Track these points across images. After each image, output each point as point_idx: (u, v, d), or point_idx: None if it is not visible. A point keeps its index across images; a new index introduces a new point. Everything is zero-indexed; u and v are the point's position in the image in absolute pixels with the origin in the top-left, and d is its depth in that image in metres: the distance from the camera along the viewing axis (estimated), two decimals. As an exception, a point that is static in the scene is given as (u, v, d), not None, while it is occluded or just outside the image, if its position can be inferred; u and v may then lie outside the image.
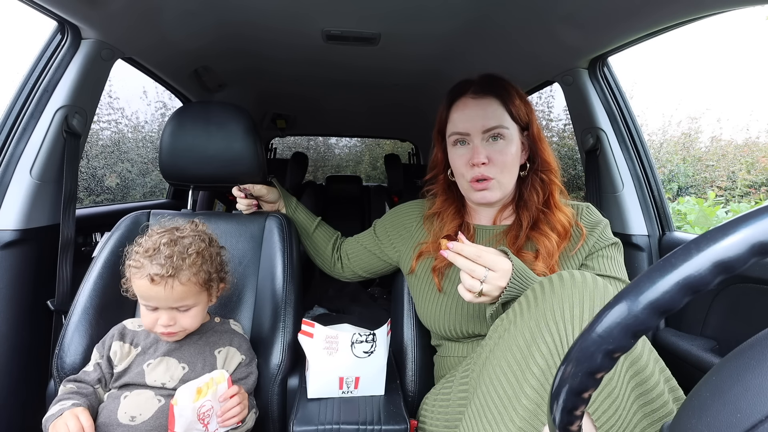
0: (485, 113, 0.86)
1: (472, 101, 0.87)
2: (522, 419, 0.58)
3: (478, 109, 0.86)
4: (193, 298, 0.78)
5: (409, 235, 1.03)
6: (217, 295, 0.86)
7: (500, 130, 0.85)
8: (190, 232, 0.82)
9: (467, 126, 0.86)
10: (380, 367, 0.87)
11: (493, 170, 0.85)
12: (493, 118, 0.85)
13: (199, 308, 0.80)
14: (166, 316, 0.76)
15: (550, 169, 0.91)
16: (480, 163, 0.85)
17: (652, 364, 0.59)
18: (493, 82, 0.89)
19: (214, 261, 0.82)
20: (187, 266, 0.76)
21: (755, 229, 0.26)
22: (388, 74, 1.77)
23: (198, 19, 1.22)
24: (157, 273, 0.73)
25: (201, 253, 0.79)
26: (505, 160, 0.86)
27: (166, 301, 0.75)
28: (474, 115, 0.86)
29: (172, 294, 0.75)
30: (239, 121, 1.04)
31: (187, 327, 0.80)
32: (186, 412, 0.69)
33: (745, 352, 0.30)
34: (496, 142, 0.86)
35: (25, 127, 1.00)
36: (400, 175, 3.01)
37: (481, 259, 0.70)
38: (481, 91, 0.87)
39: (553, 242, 0.84)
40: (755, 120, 6.11)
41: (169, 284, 0.74)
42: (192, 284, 0.77)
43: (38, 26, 1.05)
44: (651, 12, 0.93)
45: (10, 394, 0.94)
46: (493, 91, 0.87)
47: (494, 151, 0.85)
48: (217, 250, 0.86)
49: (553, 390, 0.33)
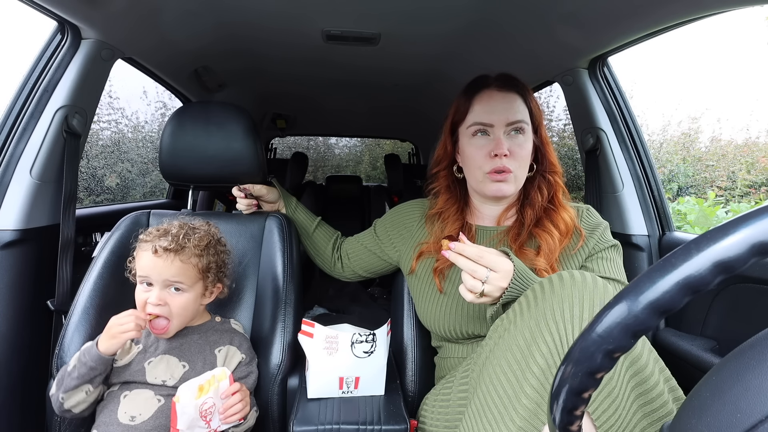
0: (511, 106, 0.87)
1: (498, 94, 0.89)
2: (522, 419, 0.58)
3: (504, 102, 0.88)
4: (188, 280, 0.80)
5: (409, 235, 1.03)
6: (212, 295, 0.86)
7: (522, 125, 0.88)
8: (202, 226, 0.87)
9: (492, 117, 0.87)
10: (380, 367, 0.87)
11: (513, 163, 0.87)
12: (517, 112, 0.87)
13: (190, 297, 0.81)
14: (157, 293, 0.78)
15: (556, 171, 0.93)
16: (503, 154, 0.85)
17: (652, 363, 0.59)
18: (515, 80, 0.91)
19: (218, 255, 0.86)
20: (192, 246, 0.80)
21: (755, 229, 0.26)
22: (388, 74, 1.77)
23: (198, 19, 1.22)
24: (163, 245, 0.77)
25: (206, 240, 0.83)
26: (523, 154, 0.88)
27: (162, 273, 0.77)
28: (499, 107, 0.87)
29: (171, 268, 0.77)
30: (239, 121, 1.04)
31: (174, 313, 0.79)
32: (188, 409, 0.70)
33: (745, 352, 0.30)
34: (517, 136, 0.87)
35: (25, 127, 1.00)
36: (400, 175, 3.01)
37: (483, 259, 0.70)
38: (505, 86, 0.89)
39: (555, 239, 0.84)
40: (755, 120, 6.11)
41: (170, 258, 0.77)
42: (191, 266, 0.80)
43: (38, 26, 1.05)
44: (651, 12, 0.93)
45: (10, 394, 0.94)
46: (516, 87, 0.90)
47: (515, 144, 0.87)
48: (223, 249, 0.89)
49: (553, 390, 0.33)
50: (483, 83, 0.91)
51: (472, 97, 0.90)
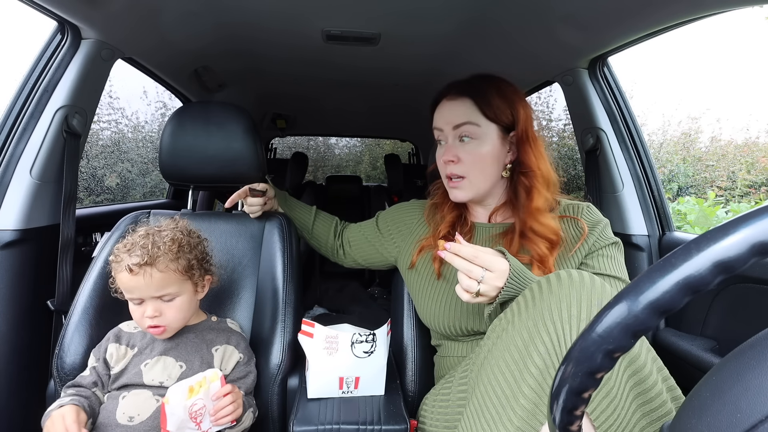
0: (455, 110, 0.89)
1: (448, 102, 0.91)
2: (520, 419, 0.58)
3: (451, 107, 0.90)
4: (175, 286, 0.78)
5: (408, 232, 1.03)
6: (204, 288, 0.85)
7: (468, 127, 0.87)
8: (169, 226, 0.83)
9: (440, 123, 0.91)
10: (380, 367, 0.87)
11: (461, 169, 0.88)
12: (462, 115, 0.88)
13: (184, 299, 0.80)
14: (151, 307, 0.77)
15: (531, 173, 0.87)
16: (448, 161, 0.89)
17: (650, 363, 0.59)
18: (471, 83, 0.90)
19: (194, 249, 0.82)
20: (163, 253, 0.76)
21: (755, 229, 0.26)
22: (388, 74, 1.77)
23: (198, 19, 1.22)
24: (135, 263, 0.73)
25: (177, 240, 0.79)
26: (473, 159, 0.87)
27: (147, 290, 0.76)
28: (446, 112, 0.91)
29: (152, 282, 0.75)
30: (239, 121, 1.04)
31: (173, 319, 0.79)
32: (177, 410, 0.69)
33: (745, 352, 0.30)
34: (469, 142, 0.88)
35: (25, 127, 1.00)
36: (400, 175, 3.01)
37: (478, 259, 0.70)
38: (456, 92, 0.91)
39: (542, 248, 0.83)
40: (755, 120, 6.12)
41: (148, 273, 0.74)
42: (171, 271, 0.77)
43: (38, 26, 1.05)
44: (651, 12, 0.93)
45: (11, 395, 0.94)
46: (467, 91, 0.89)
47: (464, 150, 0.88)
48: (197, 240, 0.86)
49: (553, 390, 0.33)
50: (442, 93, 0.94)
51: (435, 106, 0.95)
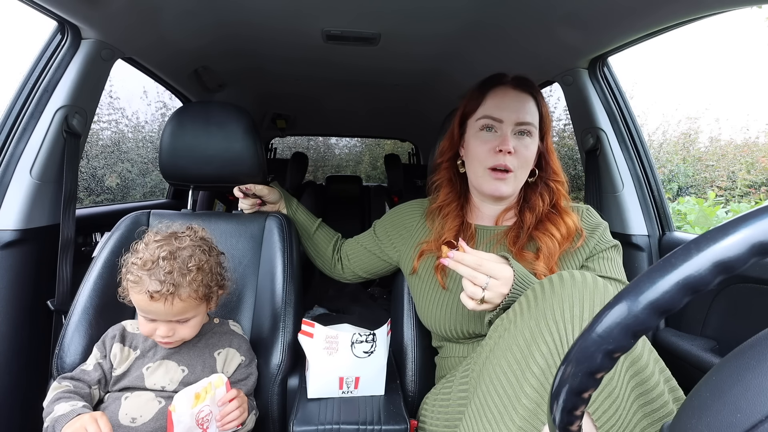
0: (523, 107, 0.87)
1: (513, 92, 0.89)
2: (522, 419, 0.58)
3: (517, 101, 0.88)
4: (192, 311, 0.77)
5: (409, 235, 1.03)
6: (217, 302, 0.85)
7: (530, 127, 0.88)
8: (189, 242, 0.78)
9: (503, 114, 0.87)
10: (380, 367, 0.87)
11: (515, 162, 0.86)
12: (528, 114, 0.87)
13: (198, 318, 0.80)
14: (164, 328, 0.75)
15: (558, 180, 0.93)
16: (507, 151, 0.85)
17: (652, 364, 0.59)
18: (531, 83, 0.91)
19: (214, 273, 0.80)
20: (188, 283, 0.73)
21: (755, 229, 0.26)
22: (388, 74, 1.77)
23: (198, 19, 1.22)
24: (157, 290, 0.70)
25: (201, 268, 0.76)
26: (527, 155, 0.88)
27: (165, 316, 0.74)
28: (512, 105, 0.87)
29: (172, 309, 0.73)
30: (239, 121, 1.04)
31: (186, 335, 0.79)
32: (184, 418, 0.68)
33: (745, 352, 0.30)
34: (523, 137, 0.88)
35: (25, 127, 0.99)
36: (400, 175, 3.01)
37: (483, 267, 0.70)
38: (520, 86, 0.89)
39: (555, 243, 0.84)
40: (754, 120, 6.12)
41: (169, 300, 0.72)
42: (192, 299, 0.75)
43: (38, 26, 1.05)
44: (651, 12, 0.93)
45: (10, 394, 0.94)
46: (531, 90, 0.89)
47: (521, 144, 0.87)
48: (217, 259, 0.83)
49: (553, 390, 0.33)
50: (499, 80, 0.91)
51: (486, 91, 0.90)
